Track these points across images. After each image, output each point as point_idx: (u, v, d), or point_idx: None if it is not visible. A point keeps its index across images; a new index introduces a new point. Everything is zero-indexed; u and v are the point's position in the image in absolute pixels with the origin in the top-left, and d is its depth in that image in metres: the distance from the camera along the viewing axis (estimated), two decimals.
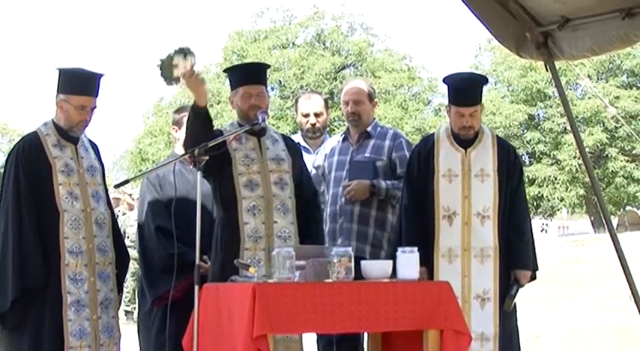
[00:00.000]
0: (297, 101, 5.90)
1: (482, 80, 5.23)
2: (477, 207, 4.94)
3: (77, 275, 4.58)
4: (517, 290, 4.93)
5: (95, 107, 4.71)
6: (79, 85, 4.66)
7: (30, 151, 4.63)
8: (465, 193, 4.97)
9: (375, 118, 5.59)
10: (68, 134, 4.70)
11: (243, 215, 4.62)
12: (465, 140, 5.05)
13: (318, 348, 5.49)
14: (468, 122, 4.98)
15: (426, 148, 5.12)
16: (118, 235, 4.88)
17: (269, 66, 5.20)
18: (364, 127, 5.47)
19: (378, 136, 5.45)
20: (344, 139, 5.55)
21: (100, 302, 4.64)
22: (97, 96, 4.70)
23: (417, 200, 5.04)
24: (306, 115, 5.74)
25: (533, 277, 5.09)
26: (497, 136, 5.15)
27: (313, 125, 5.72)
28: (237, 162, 4.67)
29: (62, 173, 4.63)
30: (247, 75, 4.80)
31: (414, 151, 5.19)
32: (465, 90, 5.05)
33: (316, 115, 5.72)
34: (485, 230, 4.92)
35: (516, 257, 4.95)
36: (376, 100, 5.63)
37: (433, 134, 5.21)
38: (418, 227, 5.00)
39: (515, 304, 5.02)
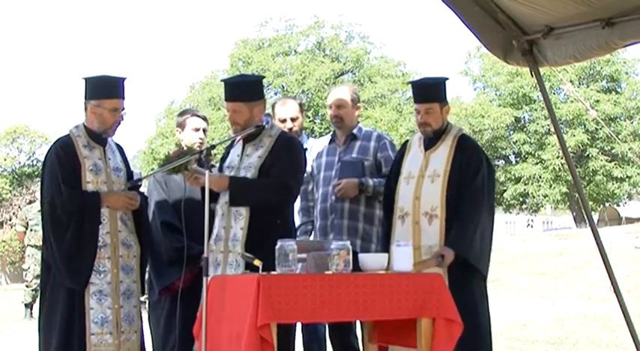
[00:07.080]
0: (273, 107, 5.78)
1: (440, 80, 5.01)
2: (425, 207, 4.80)
3: (100, 267, 4.61)
4: (434, 260, 4.58)
5: (124, 108, 4.76)
6: (108, 89, 4.72)
7: (63, 150, 4.69)
8: (417, 194, 4.84)
9: (359, 122, 5.56)
10: (97, 137, 4.75)
11: (216, 220, 4.64)
12: (430, 143, 4.95)
13: (302, 335, 5.46)
14: (423, 118, 4.88)
15: (400, 152, 5.11)
16: (144, 230, 4.89)
17: (257, 79, 4.91)
18: (349, 130, 5.43)
19: (364, 138, 5.42)
20: (331, 141, 5.52)
21: (122, 292, 4.66)
22: (124, 98, 4.76)
23: (386, 202, 5.05)
24: (283, 121, 5.62)
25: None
26: (462, 137, 4.92)
27: (290, 129, 5.58)
28: (216, 170, 4.67)
29: (91, 172, 4.68)
30: (227, 91, 4.72)
31: (394, 157, 5.18)
32: (420, 87, 5.01)
33: (292, 119, 5.64)
34: (432, 229, 4.76)
35: (449, 236, 4.69)
36: (359, 104, 5.56)
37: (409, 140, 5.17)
38: (385, 227, 5.01)
39: (486, 300, 4.79)
